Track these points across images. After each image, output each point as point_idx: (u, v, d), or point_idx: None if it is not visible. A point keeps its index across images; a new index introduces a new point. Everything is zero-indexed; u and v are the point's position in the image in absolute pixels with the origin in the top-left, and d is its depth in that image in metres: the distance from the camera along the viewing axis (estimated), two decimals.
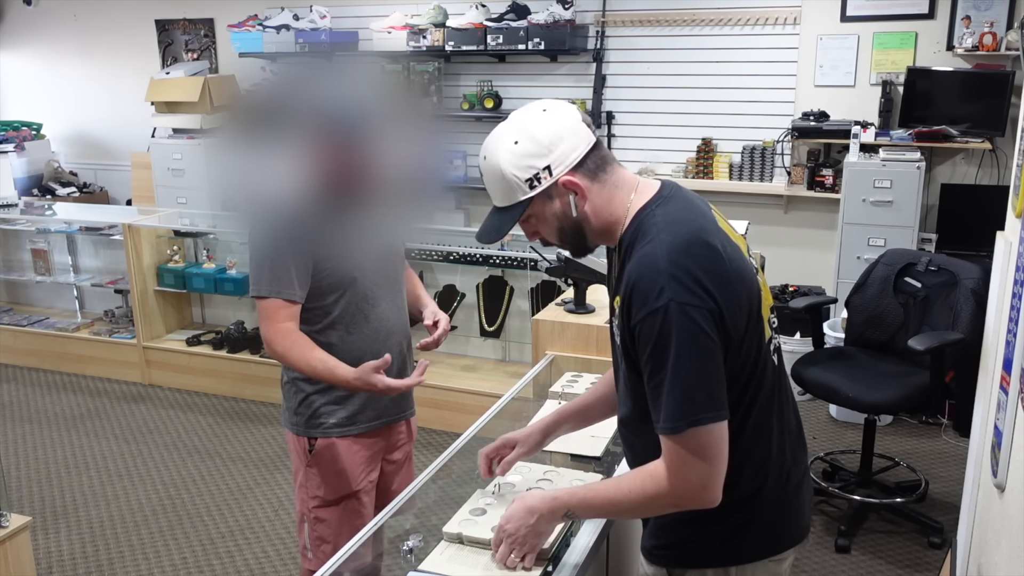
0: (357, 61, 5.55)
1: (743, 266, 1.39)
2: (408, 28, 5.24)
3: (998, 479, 1.92)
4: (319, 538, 2.20)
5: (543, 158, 1.37)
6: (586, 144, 1.39)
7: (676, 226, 1.35)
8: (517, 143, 1.37)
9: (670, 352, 1.29)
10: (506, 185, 1.39)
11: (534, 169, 1.37)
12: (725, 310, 1.31)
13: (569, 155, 1.38)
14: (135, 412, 4.65)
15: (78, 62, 6.65)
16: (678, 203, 1.41)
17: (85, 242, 5.41)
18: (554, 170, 1.37)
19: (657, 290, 1.29)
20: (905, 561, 3.16)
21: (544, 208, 1.41)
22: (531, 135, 1.37)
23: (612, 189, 1.42)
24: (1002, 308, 2.14)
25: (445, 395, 4.25)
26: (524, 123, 1.39)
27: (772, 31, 4.75)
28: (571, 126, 1.39)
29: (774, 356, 1.46)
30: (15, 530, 2.40)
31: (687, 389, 1.29)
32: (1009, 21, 4.30)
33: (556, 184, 1.38)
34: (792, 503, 1.49)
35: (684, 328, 1.28)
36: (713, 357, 1.30)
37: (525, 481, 1.83)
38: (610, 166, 1.43)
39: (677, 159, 5.07)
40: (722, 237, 1.39)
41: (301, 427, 2.16)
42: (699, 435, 1.30)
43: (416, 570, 1.55)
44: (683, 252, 1.31)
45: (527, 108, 1.42)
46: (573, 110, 1.42)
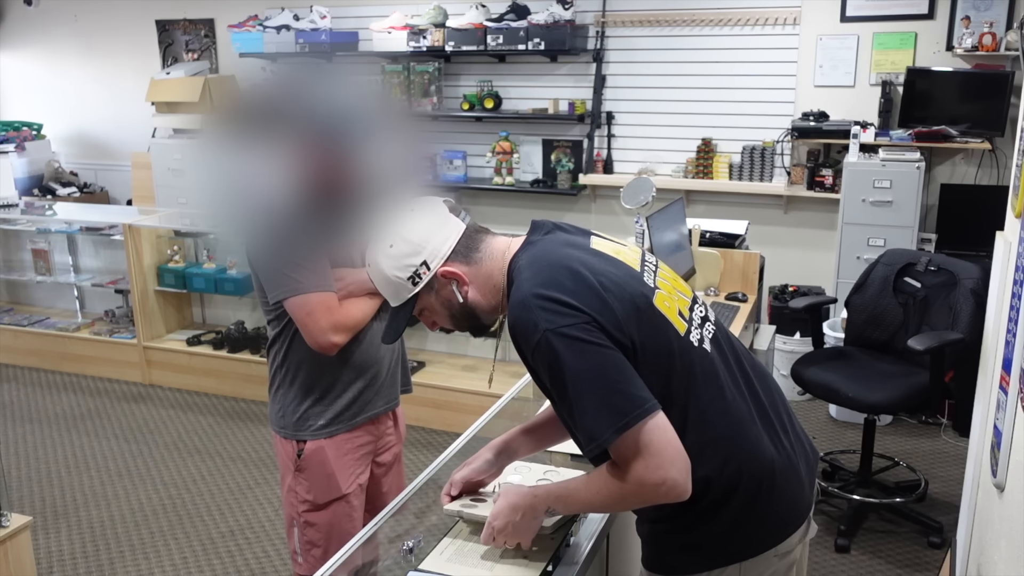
0: (357, 61, 5.55)
1: (618, 275, 1.42)
2: (408, 28, 5.24)
3: (998, 479, 1.92)
4: (309, 542, 2.18)
5: (418, 255, 1.46)
6: (456, 233, 1.48)
7: (535, 264, 1.41)
8: (392, 246, 1.47)
9: (566, 376, 1.32)
10: (392, 287, 1.49)
11: (412, 267, 1.46)
12: (603, 319, 1.34)
13: (441, 247, 1.46)
14: (135, 412, 4.65)
15: (78, 62, 6.65)
16: (543, 243, 1.48)
17: (85, 242, 5.41)
18: (431, 264, 1.46)
19: (531, 326, 1.34)
20: (905, 561, 3.17)
21: (432, 300, 1.50)
22: (403, 236, 1.47)
23: (488, 263, 1.49)
24: (1002, 308, 2.14)
25: (445, 395, 4.25)
26: (396, 226, 1.48)
27: (772, 31, 4.75)
28: (439, 220, 1.48)
29: (706, 346, 1.47)
30: (15, 530, 2.40)
31: (598, 402, 1.31)
32: (1009, 21, 4.30)
33: (436, 276, 1.47)
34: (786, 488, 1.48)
35: (568, 349, 1.31)
36: (613, 362, 1.32)
37: (524, 481, 1.83)
38: (483, 243, 1.50)
39: (677, 159, 5.08)
40: (590, 256, 1.44)
41: (289, 430, 2.13)
42: (630, 436, 1.31)
43: (416, 570, 1.55)
44: (544, 283, 1.36)
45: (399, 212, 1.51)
46: (439, 203, 1.51)
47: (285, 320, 2.05)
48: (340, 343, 2.01)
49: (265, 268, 2.02)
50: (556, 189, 5.28)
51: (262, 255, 2.03)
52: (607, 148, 5.22)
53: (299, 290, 1.96)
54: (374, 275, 1.51)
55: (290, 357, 2.10)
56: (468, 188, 5.48)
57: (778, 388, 1.61)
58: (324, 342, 1.99)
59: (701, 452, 1.39)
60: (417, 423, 4.29)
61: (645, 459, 1.31)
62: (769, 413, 1.52)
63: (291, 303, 1.98)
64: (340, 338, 2.00)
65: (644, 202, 3.40)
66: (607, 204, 5.29)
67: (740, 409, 1.46)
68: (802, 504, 1.53)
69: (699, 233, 3.51)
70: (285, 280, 1.97)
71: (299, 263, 1.97)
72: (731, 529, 1.45)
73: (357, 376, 2.12)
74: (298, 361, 2.09)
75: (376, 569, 1.71)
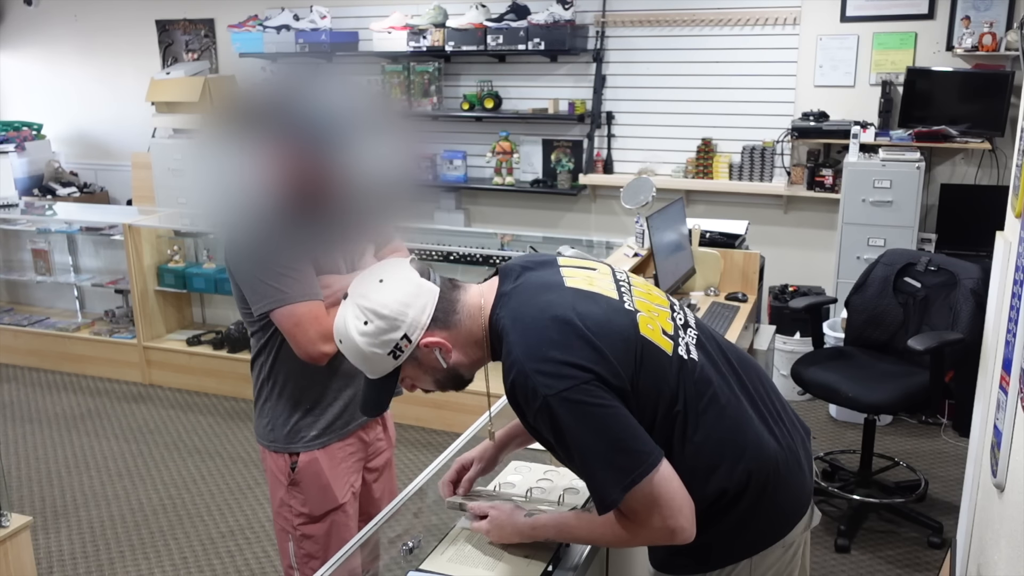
0: (357, 61, 5.55)
1: (602, 314, 1.39)
2: (408, 28, 5.25)
3: (998, 479, 1.92)
4: (307, 555, 2.12)
5: (397, 330, 1.40)
6: (433, 299, 1.42)
7: (521, 321, 1.38)
8: (367, 323, 1.40)
9: (569, 440, 1.32)
10: (370, 362, 1.43)
11: (392, 342, 1.40)
12: (600, 369, 1.32)
13: (420, 317, 1.41)
14: (135, 412, 4.65)
15: (78, 62, 6.65)
16: (518, 293, 1.43)
17: (85, 242, 5.41)
18: (412, 337, 1.41)
19: (531, 392, 1.32)
20: (905, 561, 3.17)
21: (414, 369, 1.45)
22: (377, 312, 1.39)
23: (467, 322, 1.45)
24: (1002, 308, 2.14)
25: (445, 395, 4.23)
26: (367, 301, 1.40)
27: (772, 31, 4.75)
28: (412, 288, 1.42)
29: (694, 355, 1.45)
30: (15, 530, 2.40)
31: (604, 463, 1.31)
32: (1008, 21, 4.30)
33: (418, 347, 1.42)
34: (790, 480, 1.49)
35: (569, 413, 1.30)
36: (616, 419, 1.31)
37: (525, 481, 1.83)
38: (458, 302, 1.45)
39: (677, 159, 5.08)
40: (571, 295, 1.41)
41: (280, 443, 2.07)
42: (637, 493, 1.31)
43: (417, 570, 1.55)
44: (536, 343, 1.33)
45: (365, 281, 1.44)
46: (407, 268, 1.44)
47: (270, 331, 1.99)
48: (330, 352, 1.93)
49: (248, 278, 1.94)
50: (556, 189, 5.28)
51: (244, 265, 1.95)
52: (607, 148, 5.22)
53: (285, 300, 1.89)
54: (348, 351, 1.44)
55: (277, 368, 2.04)
56: (468, 188, 5.48)
57: (765, 374, 1.61)
58: (314, 352, 1.93)
59: (708, 465, 1.40)
60: (417, 423, 4.29)
61: (653, 511, 1.33)
62: (761, 405, 1.52)
63: (278, 314, 1.91)
64: (330, 347, 1.91)
65: (644, 202, 3.40)
66: (607, 204, 5.29)
67: (737, 410, 1.46)
68: (804, 492, 1.54)
69: (699, 233, 3.52)
70: (269, 291, 1.90)
71: (283, 273, 1.90)
72: (741, 527, 1.46)
73: (347, 384, 2.07)
74: (286, 372, 2.03)
75: (376, 570, 1.71)
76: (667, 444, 1.39)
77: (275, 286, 1.89)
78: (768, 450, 1.47)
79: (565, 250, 2.69)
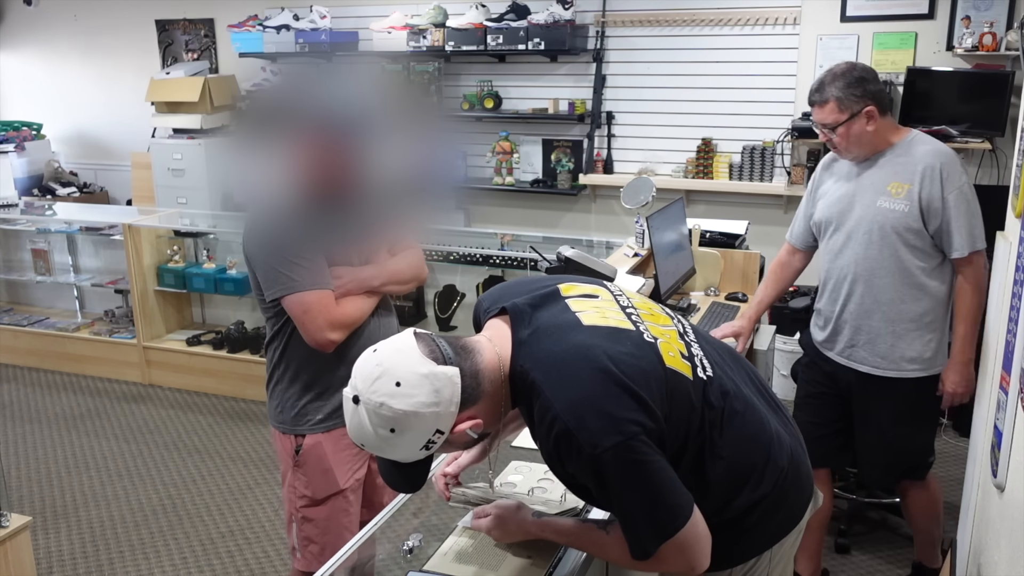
0: (357, 61, 5.55)
1: (634, 355, 1.36)
2: (408, 28, 5.24)
3: (998, 479, 1.92)
4: (307, 538, 2.20)
5: (429, 431, 1.31)
6: (456, 388, 1.32)
7: (555, 373, 1.32)
8: (394, 431, 1.30)
9: (613, 494, 1.32)
10: (401, 455, 1.36)
11: (424, 439, 1.32)
12: (645, 418, 1.30)
13: (449, 409, 1.31)
14: (135, 412, 4.65)
15: (78, 62, 6.65)
16: (539, 338, 1.37)
17: (85, 242, 5.41)
18: (444, 429, 1.33)
19: (575, 449, 1.29)
20: (905, 561, 3.16)
21: (447, 446, 1.40)
22: (404, 421, 1.29)
23: (489, 388, 1.37)
24: (1002, 308, 2.14)
25: None
26: (389, 411, 1.28)
27: (772, 31, 4.75)
28: (434, 383, 1.30)
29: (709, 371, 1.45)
30: (15, 530, 2.40)
31: (645, 518, 1.32)
32: (1009, 21, 4.29)
33: (451, 433, 1.35)
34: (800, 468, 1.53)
35: (617, 470, 1.29)
36: (657, 474, 1.31)
37: (526, 481, 1.83)
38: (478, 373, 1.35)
39: (677, 159, 5.07)
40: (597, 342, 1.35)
41: (287, 425, 2.17)
42: (671, 544, 1.33)
43: (419, 571, 1.55)
44: (577, 399, 1.29)
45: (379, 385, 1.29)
46: (422, 363, 1.30)
47: (284, 318, 2.08)
48: (337, 340, 2.04)
49: (263, 266, 2.04)
50: (556, 189, 5.27)
51: (260, 253, 2.05)
52: (607, 148, 5.22)
53: (295, 288, 2.00)
54: (375, 451, 1.35)
55: (288, 354, 2.14)
56: (468, 188, 5.48)
57: (747, 362, 1.63)
58: (321, 339, 2.02)
59: (739, 478, 1.43)
60: None
61: (679, 556, 1.35)
62: (765, 396, 1.55)
63: (288, 301, 2.01)
64: (337, 335, 2.03)
65: (644, 202, 3.40)
66: (607, 204, 5.29)
67: (754, 413, 1.48)
68: (809, 476, 1.57)
69: (699, 233, 3.51)
70: (282, 278, 2.01)
71: (296, 262, 2.00)
72: (763, 522, 1.48)
73: None
74: (296, 357, 2.12)
75: (376, 570, 1.71)
76: (699, 465, 1.40)
77: (287, 274, 2.00)
78: (784, 443, 1.50)
79: (565, 249, 2.68)
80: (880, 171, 2.50)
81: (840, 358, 2.66)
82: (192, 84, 5.80)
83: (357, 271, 2.10)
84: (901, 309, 2.51)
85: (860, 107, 2.43)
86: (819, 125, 2.51)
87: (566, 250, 2.68)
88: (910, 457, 2.70)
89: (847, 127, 2.44)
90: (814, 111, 2.52)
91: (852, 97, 2.43)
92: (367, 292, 2.12)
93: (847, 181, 2.59)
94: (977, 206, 2.44)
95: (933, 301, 2.51)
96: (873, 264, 2.51)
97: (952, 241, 2.43)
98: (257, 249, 2.06)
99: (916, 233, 2.44)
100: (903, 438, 2.63)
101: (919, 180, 2.42)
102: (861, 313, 2.57)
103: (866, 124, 2.45)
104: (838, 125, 2.45)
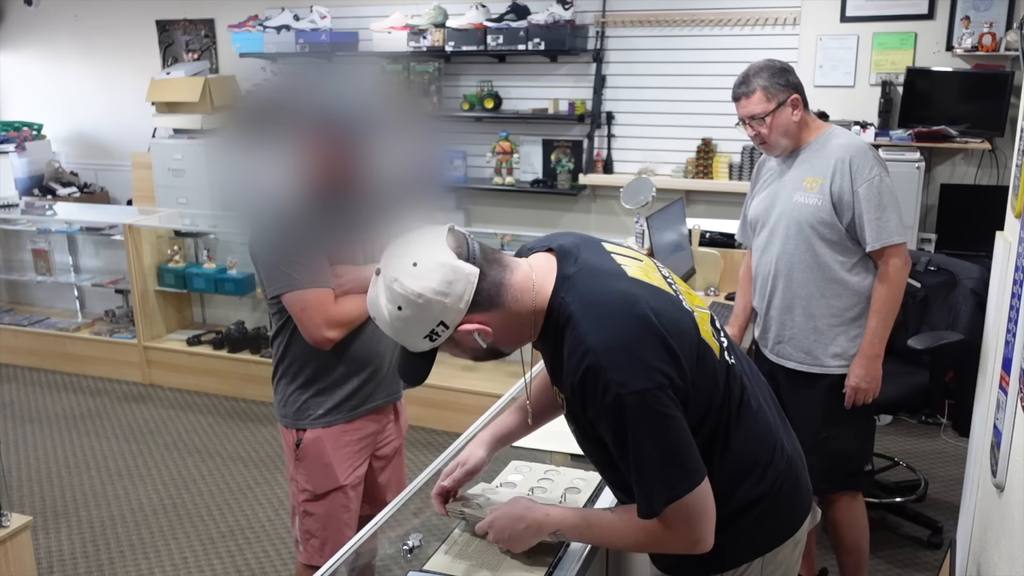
0: (357, 61, 5.55)
1: (673, 313, 1.36)
2: (408, 28, 5.25)
3: (998, 479, 1.92)
4: (307, 532, 2.24)
5: (432, 319, 1.32)
6: (471, 283, 1.31)
7: (595, 310, 1.32)
8: (401, 309, 1.31)
9: (630, 444, 1.31)
10: (406, 342, 1.37)
11: (428, 327, 1.33)
12: (675, 373, 1.30)
13: (458, 304, 1.31)
14: (135, 412, 4.65)
15: (78, 62, 6.65)
16: (584, 277, 1.37)
17: (86, 242, 5.41)
18: (449, 323, 1.32)
19: (602, 386, 1.28)
20: (905, 561, 3.17)
21: (454, 347, 1.39)
22: (411, 301, 1.30)
23: (514, 306, 1.36)
24: (1001, 308, 2.14)
25: (445, 395, 4.25)
26: (400, 287, 1.30)
27: (772, 31, 4.75)
28: (448, 275, 1.30)
29: (731, 359, 1.46)
30: (16, 530, 2.40)
31: (657, 473, 1.31)
32: (1008, 21, 4.30)
33: (456, 331, 1.34)
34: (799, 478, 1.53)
35: (638, 417, 1.28)
36: (676, 432, 1.31)
37: (526, 481, 1.83)
38: (503, 284, 1.35)
39: (677, 159, 5.08)
40: (641, 293, 1.35)
41: (290, 419, 2.20)
42: (679, 507, 1.32)
43: (421, 570, 1.55)
44: (613, 337, 1.29)
45: (397, 260, 1.33)
46: (444, 251, 1.32)
47: (287, 314, 2.11)
48: (335, 338, 2.07)
49: (265, 264, 2.09)
50: (556, 189, 5.28)
51: (263, 251, 2.09)
52: (607, 148, 5.22)
53: (294, 286, 2.03)
54: (383, 327, 1.36)
55: (291, 349, 2.17)
56: (468, 188, 5.48)
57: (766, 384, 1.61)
58: (319, 337, 2.06)
59: (741, 471, 1.43)
60: (417, 423, 4.29)
61: (685, 524, 1.34)
62: (774, 406, 1.55)
63: (287, 298, 2.05)
64: (335, 333, 2.07)
65: (644, 202, 3.40)
66: (607, 204, 5.29)
67: (765, 415, 1.48)
68: (808, 490, 1.57)
69: (699, 233, 3.51)
70: (282, 276, 2.05)
71: (297, 260, 2.03)
72: (756, 527, 1.47)
73: (358, 369, 2.17)
74: (299, 353, 2.16)
75: (376, 569, 1.71)
76: (709, 449, 1.40)
77: (287, 272, 2.04)
78: (786, 451, 1.50)
79: None
80: (798, 168, 2.49)
81: (772, 355, 2.64)
82: (192, 84, 5.80)
83: (358, 270, 2.12)
84: (820, 304, 2.49)
85: (786, 96, 2.42)
86: (747, 119, 2.48)
87: None
88: (848, 463, 2.63)
89: (774, 116, 2.43)
90: (740, 105, 2.49)
91: (777, 86, 2.42)
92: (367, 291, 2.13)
93: (774, 179, 2.58)
94: (891, 199, 2.40)
95: (856, 296, 2.49)
96: (791, 259, 2.50)
97: (864, 235, 2.41)
98: (260, 247, 2.10)
99: (830, 227, 2.43)
100: (838, 439, 2.56)
101: (831, 174, 2.40)
102: (783, 308, 2.55)
103: (791, 114, 2.44)
104: (766, 115, 2.43)
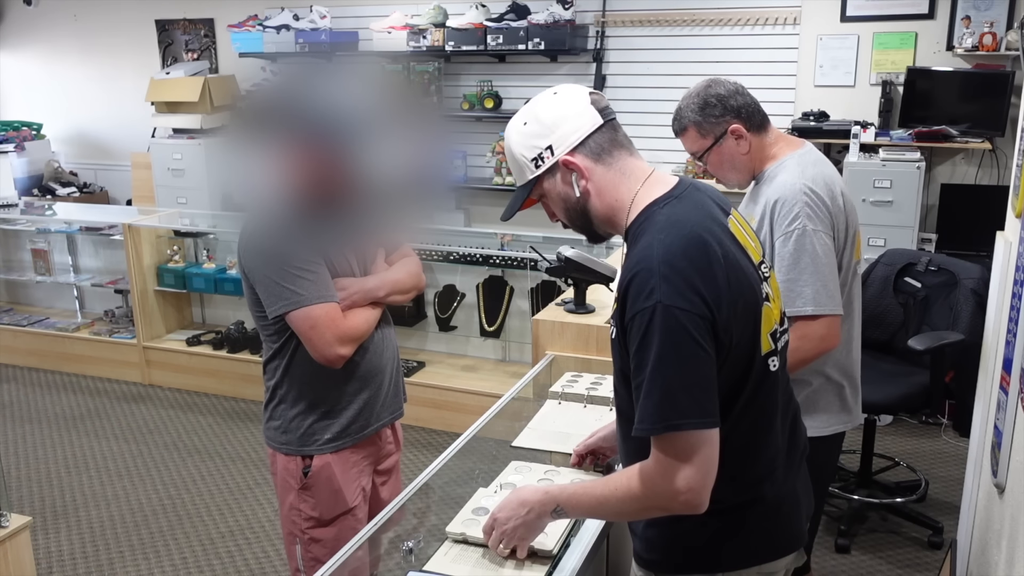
0: (357, 61, 5.55)
1: (744, 273, 1.37)
2: (408, 28, 5.24)
3: (998, 479, 1.92)
4: (315, 559, 2.09)
5: (545, 138, 1.42)
6: (591, 125, 1.42)
7: (676, 228, 1.34)
8: (526, 124, 1.45)
9: (652, 353, 1.28)
10: (517, 164, 1.47)
11: (538, 148, 1.43)
12: (717, 315, 1.29)
13: (570, 135, 1.41)
14: (135, 412, 4.65)
15: (78, 62, 6.65)
16: (687, 203, 1.40)
17: (85, 242, 5.41)
18: (556, 149, 1.42)
19: (648, 290, 1.29)
20: (905, 561, 3.17)
21: (551, 187, 1.46)
22: (537, 117, 1.44)
23: (618, 175, 1.44)
24: (1002, 308, 2.15)
25: (445, 395, 4.25)
26: (534, 106, 1.46)
27: (772, 31, 4.75)
28: (577, 108, 1.43)
29: (772, 365, 1.43)
30: (15, 530, 2.40)
31: (667, 391, 1.28)
32: (1009, 21, 4.30)
33: (558, 163, 1.42)
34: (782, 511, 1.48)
35: (669, 331, 1.27)
36: (700, 364, 1.29)
37: (526, 481, 1.83)
38: (619, 151, 1.45)
39: (677, 159, 5.07)
40: (728, 241, 1.37)
41: (293, 446, 2.05)
42: (680, 440, 1.29)
43: (419, 571, 1.55)
44: (678, 253, 1.30)
45: (543, 92, 1.48)
46: (583, 94, 1.45)
47: (286, 334, 1.98)
48: (347, 355, 1.96)
49: (263, 281, 1.94)
50: None
51: (259, 267, 1.94)
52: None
53: (301, 302, 1.90)
54: (506, 149, 1.50)
55: (292, 372, 2.03)
56: (468, 188, 5.48)
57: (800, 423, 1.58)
58: (331, 355, 1.94)
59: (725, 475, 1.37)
60: (417, 423, 4.29)
61: (682, 466, 1.29)
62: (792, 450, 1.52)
63: (294, 316, 1.91)
64: (347, 350, 1.95)
65: None
66: None
67: (776, 440, 1.46)
68: (796, 536, 1.52)
69: None
70: (285, 292, 1.90)
71: (298, 274, 1.90)
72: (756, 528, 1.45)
73: (363, 387, 2.07)
74: (301, 376, 2.02)
75: (376, 570, 1.71)
76: None
77: (290, 288, 1.90)
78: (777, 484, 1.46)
79: (565, 249, 2.68)
80: (752, 200, 2.18)
81: None
82: (192, 84, 5.80)
83: (362, 282, 2.03)
84: None
85: (722, 129, 2.09)
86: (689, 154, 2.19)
87: (566, 250, 2.67)
88: None
89: (714, 153, 2.11)
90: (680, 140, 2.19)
91: (711, 119, 2.09)
92: (372, 303, 2.05)
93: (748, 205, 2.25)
94: (813, 259, 1.97)
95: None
96: None
97: None
98: (256, 262, 1.95)
99: None
100: None
101: (759, 218, 2.08)
102: None
103: (736, 145, 2.10)
104: (704, 152, 2.11)
